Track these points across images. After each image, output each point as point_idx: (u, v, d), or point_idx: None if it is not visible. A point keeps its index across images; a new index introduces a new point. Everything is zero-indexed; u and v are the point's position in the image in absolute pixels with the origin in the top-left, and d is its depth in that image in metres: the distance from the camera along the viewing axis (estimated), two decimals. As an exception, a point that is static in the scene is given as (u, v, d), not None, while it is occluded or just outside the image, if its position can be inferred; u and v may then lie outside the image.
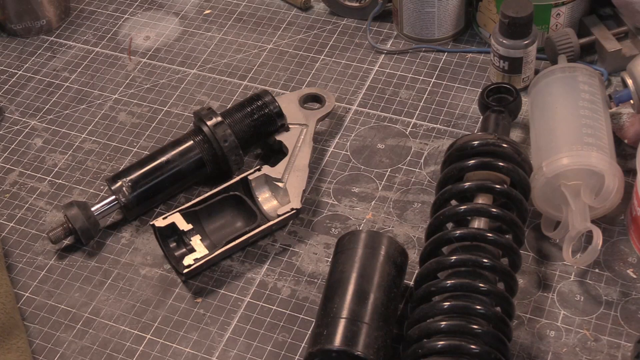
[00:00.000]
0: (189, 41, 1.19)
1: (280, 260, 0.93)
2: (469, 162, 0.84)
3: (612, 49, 1.03)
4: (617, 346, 0.83)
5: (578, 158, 0.87)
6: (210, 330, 0.88)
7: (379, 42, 1.15)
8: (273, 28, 1.19)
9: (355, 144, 1.03)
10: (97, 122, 1.09)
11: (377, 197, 0.97)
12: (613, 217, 0.92)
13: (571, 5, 1.05)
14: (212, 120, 0.97)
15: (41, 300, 0.92)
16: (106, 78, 1.15)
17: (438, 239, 0.82)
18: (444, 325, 0.76)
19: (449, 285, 0.78)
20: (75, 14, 1.25)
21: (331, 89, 1.09)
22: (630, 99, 0.95)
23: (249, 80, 1.12)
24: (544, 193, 0.89)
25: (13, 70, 1.18)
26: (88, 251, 0.96)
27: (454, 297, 0.78)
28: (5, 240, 0.97)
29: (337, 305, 0.79)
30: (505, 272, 0.80)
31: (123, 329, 0.89)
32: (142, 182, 0.96)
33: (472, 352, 0.74)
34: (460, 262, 0.79)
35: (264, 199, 0.96)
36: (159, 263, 0.94)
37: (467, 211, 0.83)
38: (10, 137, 1.09)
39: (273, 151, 1.02)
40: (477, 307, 0.76)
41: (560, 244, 0.90)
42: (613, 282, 0.87)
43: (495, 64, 1.04)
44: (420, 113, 1.05)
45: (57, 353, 0.87)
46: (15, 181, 1.04)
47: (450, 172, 0.85)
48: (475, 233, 0.81)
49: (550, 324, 0.85)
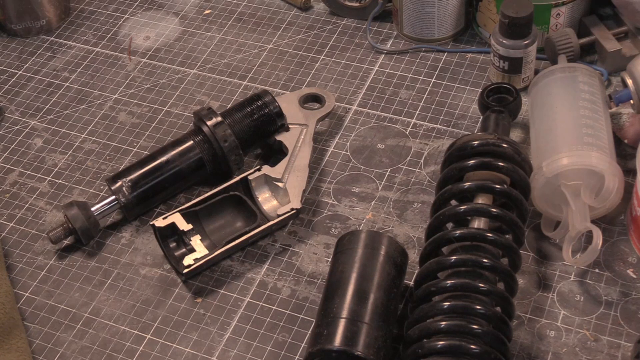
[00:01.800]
0: (189, 41, 1.19)
1: (280, 260, 0.93)
2: (469, 162, 0.84)
3: (612, 49, 1.03)
4: (617, 346, 0.83)
5: (578, 158, 0.87)
6: (210, 330, 0.88)
7: (379, 42, 1.15)
8: (273, 28, 1.19)
9: (355, 144, 1.03)
10: (97, 122, 1.09)
11: (377, 197, 0.97)
12: (613, 217, 0.92)
13: (571, 5, 1.05)
14: (212, 120, 0.97)
15: (41, 300, 0.92)
16: (106, 78, 1.15)
17: (438, 239, 0.82)
18: (444, 325, 0.76)
19: (449, 285, 0.78)
20: (75, 14, 1.25)
21: (331, 89, 1.09)
22: (630, 99, 0.95)
23: (249, 80, 1.12)
24: (544, 193, 0.89)
25: (13, 70, 1.18)
26: (88, 251, 0.96)
27: (454, 297, 0.78)
28: (5, 240, 0.97)
29: (337, 305, 0.79)
30: (505, 272, 0.80)
31: (123, 329, 0.89)
32: (142, 182, 0.96)
33: (472, 352, 0.74)
34: (460, 262, 0.79)
35: (264, 199, 0.96)
36: (159, 263, 0.94)
37: (467, 211, 0.83)
38: (10, 137, 1.09)
39: (273, 151, 1.02)
40: (477, 307, 0.76)
41: (560, 244, 0.90)
42: (613, 282, 0.87)
43: (495, 64, 1.04)
44: (420, 113, 1.05)
45: (57, 353, 0.87)
46: (15, 181, 1.04)
47: (450, 172, 0.85)
48: (475, 233, 0.81)
49: (550, 324, 0.85)
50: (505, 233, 0.85)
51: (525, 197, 0.85)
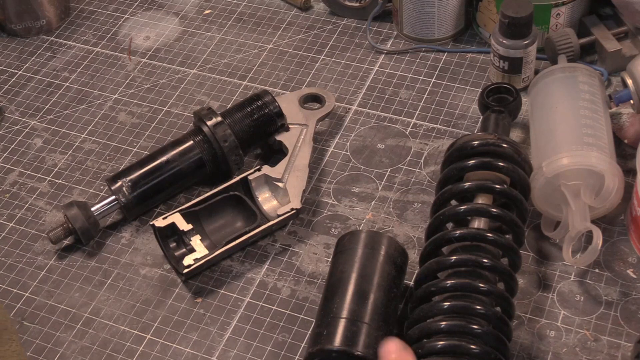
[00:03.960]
0: (189, 41, 1.19)
1: (280, 260, 0.93)
2: (469, 162, 0.84)
3: (612, 49, 1.03)
4: (617, 346, 0.83)
5: (578, 158, 0.87)
6: (210, 330, 0.88)
7: (379, 42, 1.15)
8: (273, 28, 1.19)
9: (355, 144, 1.03)
10: (97, 122, 1.09)
11: (377, 197, 0.97)
12: (613, 217, 0.92)
13: (571, 5, 1.05)
14: (212, 120, 0.97)
15: (41, 300, 0.92)
16: (106, 78, 1.15)
17: (438, 239, 0.82)
18: (444, 325, 0.76)
19: (449, 285, 0.78)
20: (75, 14, 1.25)
21: (331, 89, 1.09)
22: (630, 99, 0.95)
23: (249, 80, 1.12)
24: (544, 193, 0.89)
25: (13, 70, 1.18)
26: (88, 251, 0.96)
27: (454, 297, 0.78)
28: (5, 240, 0.97)
29: (337, 305, 0.79)
30: (505, 272, 0.80)
31: (123, 329, 0.89)
32: (142, 182, 0.96)
33: (472, 353, 0.74)
34: (460, 262, 0.79)
35: (264, 199, 0.96)
36: (159, 263, 0.94)
37: (467, 211, 0.83)
38: (10, 137, 1.09)
39: (273, 151, 1.02)
40: (477, 307, 0.76)
41: (560, 244, 0.90)
42: (613, 282, 0.87)
43: (495, 64, 1.04)
44: (420, 113, 1.05)
45: (57, 353, 0.87)
46: (15, 181, 1.04)
47: (450, 172, 0.85)
48: (475, 233, 0.81)
49: (550, 324, 0.85)
50: (505, 233, 0.85)
51: (525, 197, 0.85)
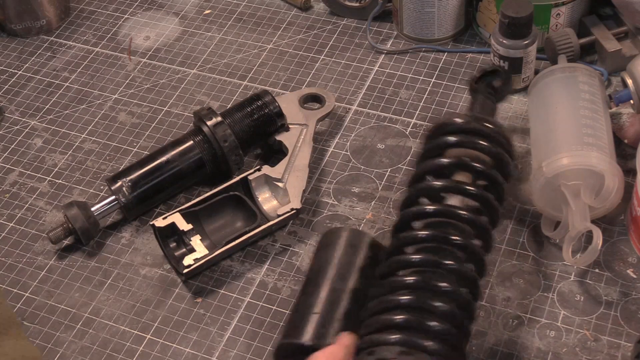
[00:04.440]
0: (189, 41, 1.19)
1: (280, 260, 0.93)
2: (445, 139, 0.79)
3: (612, 49, 1.03)
4: (617, 346, 0.83)
5: (578, 158, 0.87)
6: (210, 330, 0.88)
7: (379, 42, 1.15)
8: (273, 28, 1.19)
9: (355, 144, 1.03)
10: (97, 122, 1.09)
11: (377, 197, 0.97)
12: (613, 217, 0.92)
13: (571, 5, 1.05)
14: (212, 120, 0.97)
15: (41, 300, 0.92)
16: (106, 78, 1.15)
17: (410, 212, 0.78)
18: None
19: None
20: (75, 14, 1.25)
21: (331, 89, 1.09)
22: (630, 99, 0.95)
23: (249, 80, 1.12)
24: (544, 193, 0.89)
25: (13, 70, 1.18)
26: (88, 251, 0.96)
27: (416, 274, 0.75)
28: (5, 240, 0.97)
29: (312, 301, 0.77)
30: (475, 253, 0.75)
31: (123, 329, 0.89)
32: (142, 182, 0.96)
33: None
34: (429, 238, 0.75)
35: (264, 199, 0.96)
36: (159, 263, 0.94)
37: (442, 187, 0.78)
38: (10, 137, 1.09)
39: (273, 151, 1.02)
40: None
41: (560, 244, 0.90)
42: (613, 282, 0.87)
43: (495, 64, 1.04)
44: (420, 113, 1.05)
45: (57, 353, 0.87)
46: (15, 181, 1.04)
47: (428, 149, 0.81)
48: (446, 210, 0.77)
49: (550, 324, 0.85)
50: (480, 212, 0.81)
51: (504, 176, 0.79)
